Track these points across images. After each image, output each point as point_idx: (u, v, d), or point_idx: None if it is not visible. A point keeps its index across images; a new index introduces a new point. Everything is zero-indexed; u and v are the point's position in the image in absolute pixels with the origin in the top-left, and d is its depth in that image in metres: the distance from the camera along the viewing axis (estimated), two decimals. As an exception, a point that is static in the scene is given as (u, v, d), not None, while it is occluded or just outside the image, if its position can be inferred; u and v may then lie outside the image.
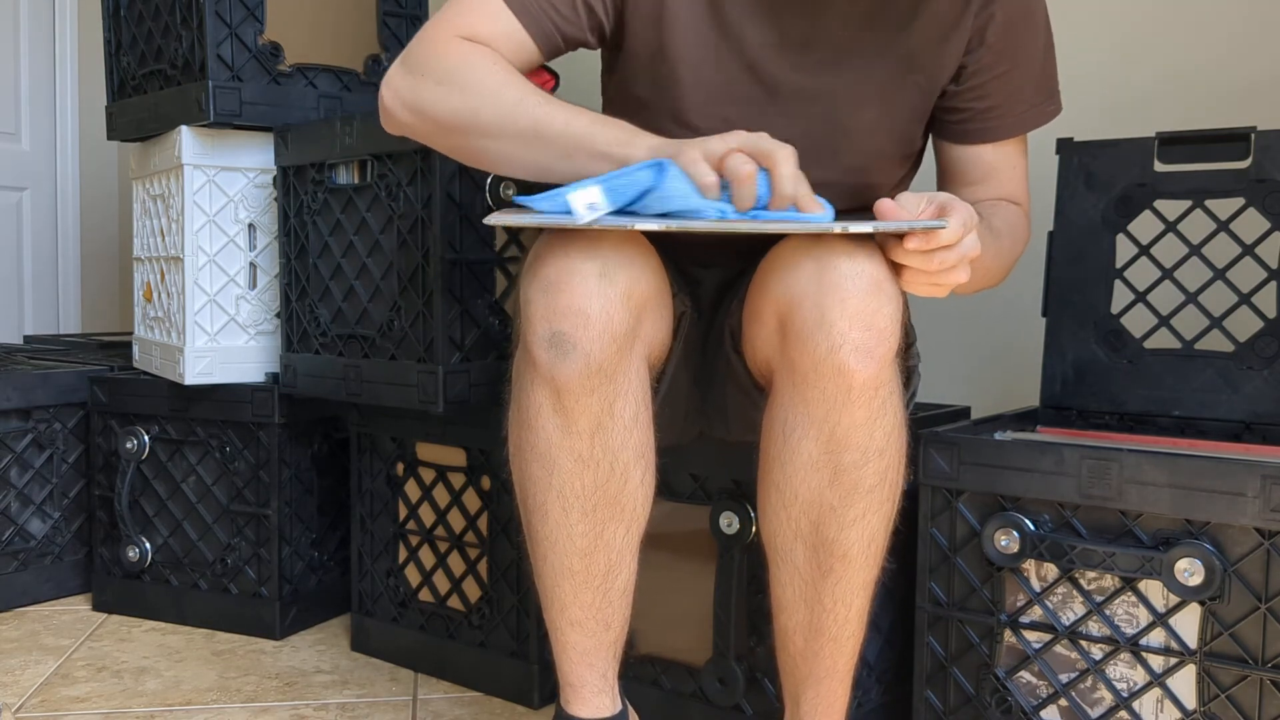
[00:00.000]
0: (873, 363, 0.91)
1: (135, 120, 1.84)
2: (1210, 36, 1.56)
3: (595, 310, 0.93)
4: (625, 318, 0.94)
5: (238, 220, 1.76)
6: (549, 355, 0.94)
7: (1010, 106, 1.16)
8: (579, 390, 0.95)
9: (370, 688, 1.54)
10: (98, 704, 1.47)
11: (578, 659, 1.05)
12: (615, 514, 1.00)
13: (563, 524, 1.00)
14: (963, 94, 1.15)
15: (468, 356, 1.46)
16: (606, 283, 0.93)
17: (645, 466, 1.01)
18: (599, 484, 0.99)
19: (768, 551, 1.03)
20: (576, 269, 0.93)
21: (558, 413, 0.96)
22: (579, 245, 0.94)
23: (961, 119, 1.17)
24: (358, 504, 1.67)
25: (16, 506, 1.89)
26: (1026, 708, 1.14)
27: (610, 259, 0.94)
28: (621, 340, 0.94)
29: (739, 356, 1.10)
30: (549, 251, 0.96)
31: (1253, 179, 1.28)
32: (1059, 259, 1.39)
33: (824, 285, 0.92)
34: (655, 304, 1.00)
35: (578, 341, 0.93)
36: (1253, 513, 1.01)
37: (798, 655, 1.03)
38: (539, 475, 1.00)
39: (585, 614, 1.03)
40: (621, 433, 0.98)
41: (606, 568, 1.02)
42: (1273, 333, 1.27)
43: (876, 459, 0.95)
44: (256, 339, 1.78)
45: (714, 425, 1.21)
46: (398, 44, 1.85)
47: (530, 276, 0.97)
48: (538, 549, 1.04)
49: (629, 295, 0.95)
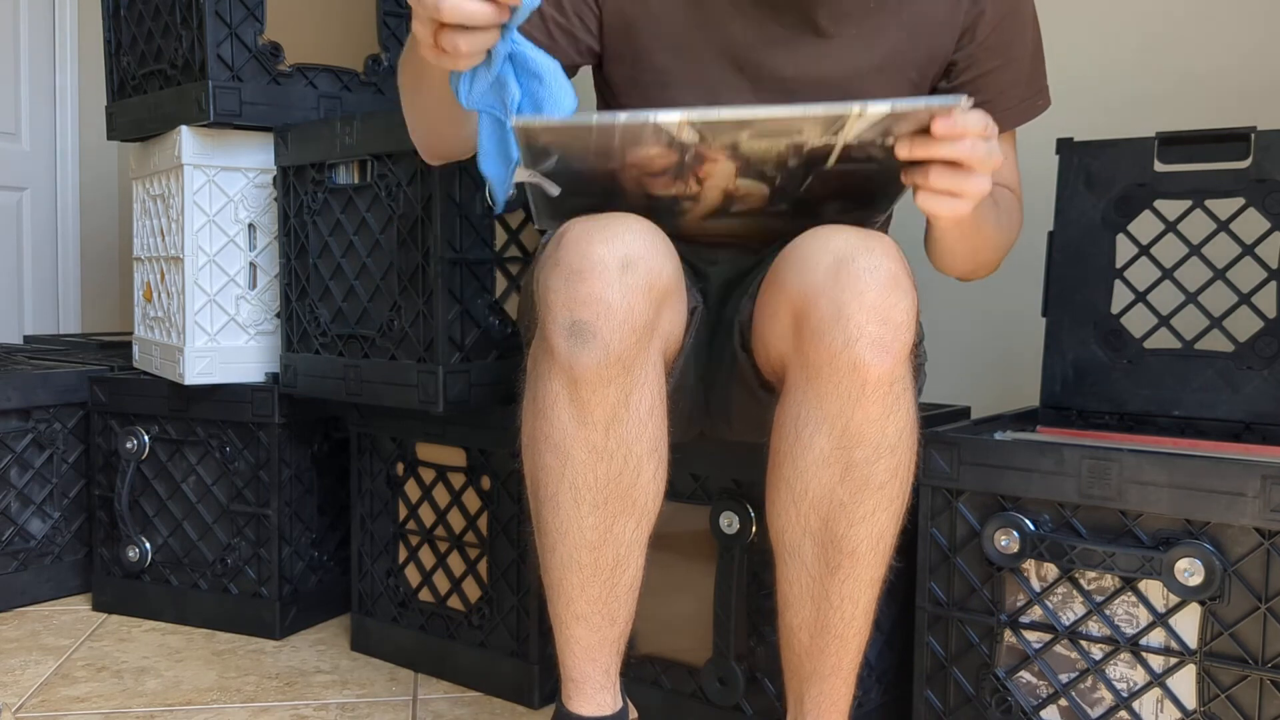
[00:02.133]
0: (889, 357, 0.91)
1: (135, 120, 1.84)
2: (1210, 37, 1.56)
3: (617, 300, 0.93)
4: (646, 309, 0.94)
5: (238, 220, 1.76)
6: (568, 344, 0.94)
7: (1002, 101, 1.18)
8: (596, 381, 0.94)
9: (370, 688, 1.54)
10: (98, 704, 1.47)
11: (581, 654, 1.05)
12: (626, 508, 1.00)
13: (573, 516, 1.00)
14: (955, 90, 1.16)
15: (468, 356, 1.46)
16: (629, 273, 0.93)
17: (658, 461, 1.01)
18: (612, 477, 0.98)
19: (775, 548, 1.02)
20: (599, 258, 0.93)
21: (573, 403, 0.96)
22: (601, 235, 0.94)
23: None
24: (358, 504, 1.67)
25: (16, 506, 1.89)
26: (1026, 708, 1.14)
27: (633, 249, 0.94)
28: (641, 331, 0.94)
29: (746, 354, 1.10)
30: (571, 240, 0.96)
31: (1253, 179, 1.28)
32: (1059, 259, 1.39)
33: (841, 280, 0.92)
34: (675, 297, 1.00)
35: (598, 331, 0.93)
36: (1253, 513, 1.01)
37: (802, 652, 1.03)
38: (552, 465, 0.99)
39: (591, 608, 1.03)
40: (637, 426, 0.97)
41: (614, 562, 1.02)
42: (1273, 333, 1.27)
43: (888, 455, 0.95)
44: (256, 339, 1.78)
45: (715, 424, 1.21)
46: (397, 44, 1.85)
47: (551, 265, 0.96)
48: (546, 540, 1.03)
49: (651, 286, 0.95)
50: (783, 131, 0.93)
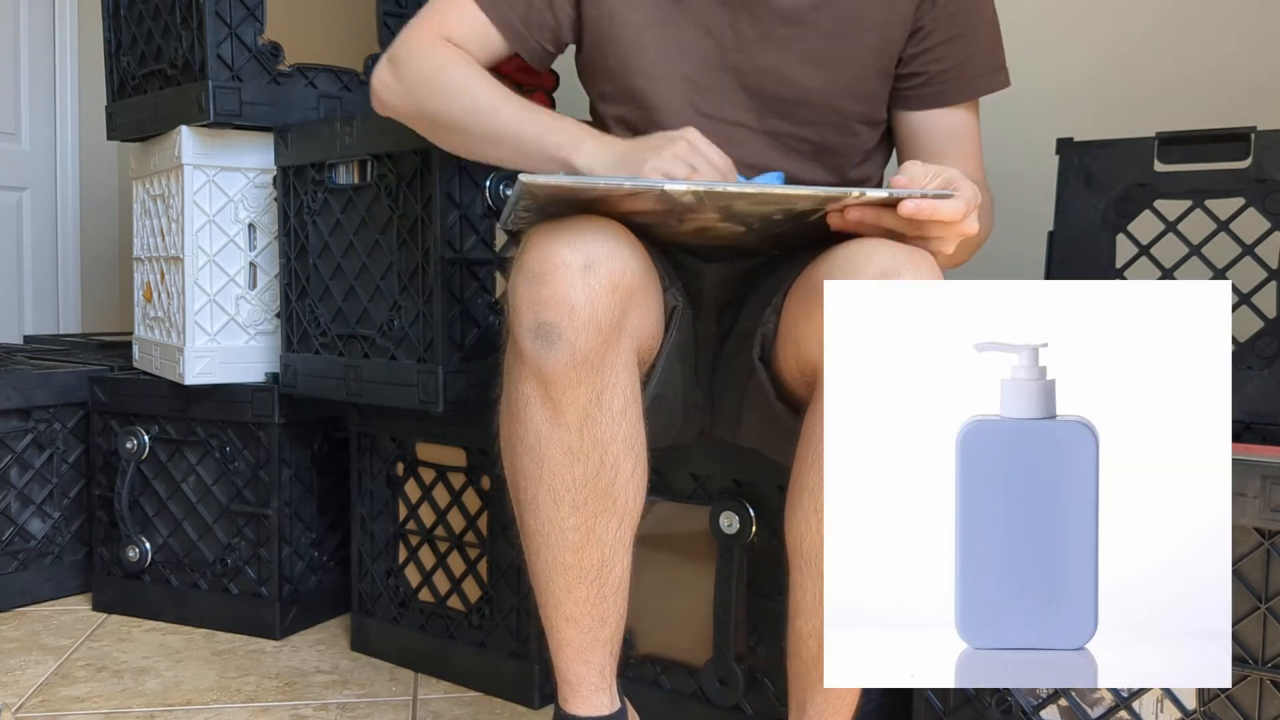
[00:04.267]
0: None
1: (135, 120, 1.84)
2: (1210, 36, 1.56)
3: (580, 300, 0.94)
4: (611, 308, 0.95)
5: (238, 220, 1.76)
6: (535, 346, 0.95)
7: (964, 70, 1.20)
8: (565, 381, 0.95)
9: (370, 688, 1.54)
10: (98, 704, 1.47)
11: (574, 656, 1.05)
12: (607, 507, 1.00)
13: (554, 518, 1.00)
14: (919, 57, 1.18)
15: (468, 356, 1.46)
16: (590, 273, 0.94)
17: (636, 459, 1.01)
18: (589, 477, 0.99)
19: (790, 555, 1.02)
20: (560, 260, 0.94)
21: (545, 405, 0.97)
22: (562, 236, 0.95)
23: (918, 83, 1.20)
24: (358, 504, 1.67)
25: (16, 506, 1.88)
26: (1026, 708, 1.13)
27: (594, 250, 0.95)
28: (607, 331, 0.95)
29: (765, 367, 1.09)
30: (533, 244, 0.97)
31: (1253, 179, 1.28)
32: (1059, 259, 1.39)
33: None
34: (643, 295, 1.01)
35: (563, 331, 0.94)
36: (1253, 513, 1.00)
37: (810, 661, 1.03)
38: (529, 468, 1.00)
39: (580, 610, 1.03)
40: (610, 425, 0.98)
41: (600, 562, 1.02)
42: (1273, 333, 1.27)
43: None
44: (256, 339, 1.78)
45: (719, 427, 1.21)
46: (398, 44, 1.85)
47: (516, 269, 0.98)
48: (530, 543, 1.04)
49: (614, 285, 0.95)
50: (779, 202, 0.96)
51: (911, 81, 1.21)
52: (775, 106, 1.18)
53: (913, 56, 1.18)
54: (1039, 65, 1.67)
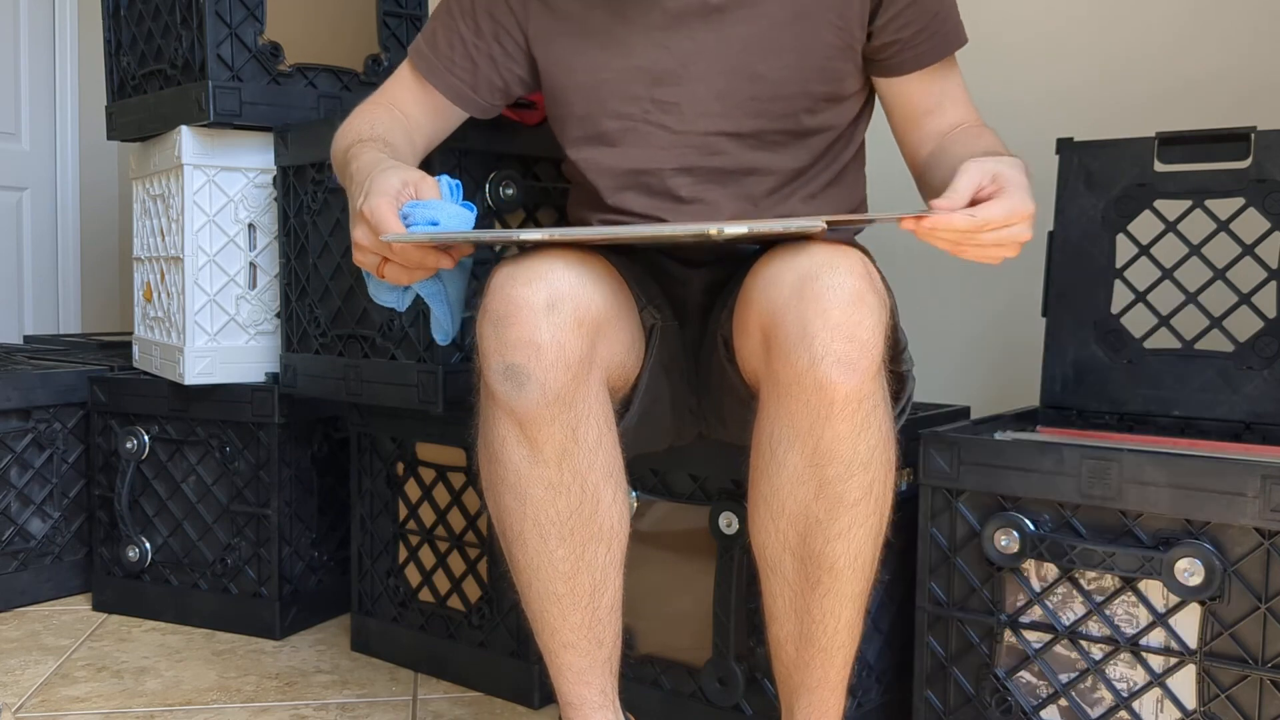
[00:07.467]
0: (855, 375, 0.91)
1: (135, 120, 1.84)
2: (1211, 37, 1.56)
3: (546, 340, 0.94)
4: (578, 344, 0.96)
5: (238, 220, 1.76)
6: (506, 387, 0.96)
7: (934, 27, 1.18)
8: (540, 420, 0.96)
9: (370, 688, 1.54)
10: (98, 704, 1.47)
11: (574, 679, 1.06)
12: (594, 535, 1.02)
13: (542, 551, 1.02)
14: (888, 26, 1.17)
15: (468, 356, 1.46)
16: (554, 312, 0.95)
17: (615, 485, 1.02)
18: (573, 509, 1.00)
19: (758, 563, 1.03)
20: (523, 301, 0.95)
21: (523, 443, 0.98)
22: (523, 276, 0.96)
23: (895, 50, 1.19)
24: (358, 504, 1.67)
25: (16, 506, 1.89)
26: (1026, 708, 1.14)
27: (556, 287, 0.96)
28: (576, 367, 0.96)
29: (733, 366, 1.10)
30: (495, 285, 0.98)
31: (1253, 179, 1.28)
32: (1059, 259, 1.39)
33: (805, 298, 0.92)
34: (612, 326, 1.02)
35: (532, 372, 0.94)
36: (1253, 513, 1.01)
37: (790, 665, 1.04)
38: (512, 506, 1.01)
39: (576, 635, 1.04)
40: (587, 456, 0.99)
41: (591, 587, 1.03)
42: (1273, 333, 1.27)
43: (861, 473, 0.95)
44: (256, 339, 1.78)
45: (712, 427, 1.21)
46: (398, 44, 1.85)
47: (481, 312, 0.99)
48: (521, 577, 1.05)
49: (579, 322, 0.96)
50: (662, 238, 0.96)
51: (888, 51, 1.19)
52: (747, 106, 1.16)
53: (881, 27, 1.17)
54: (1039, 66, 1.67)
